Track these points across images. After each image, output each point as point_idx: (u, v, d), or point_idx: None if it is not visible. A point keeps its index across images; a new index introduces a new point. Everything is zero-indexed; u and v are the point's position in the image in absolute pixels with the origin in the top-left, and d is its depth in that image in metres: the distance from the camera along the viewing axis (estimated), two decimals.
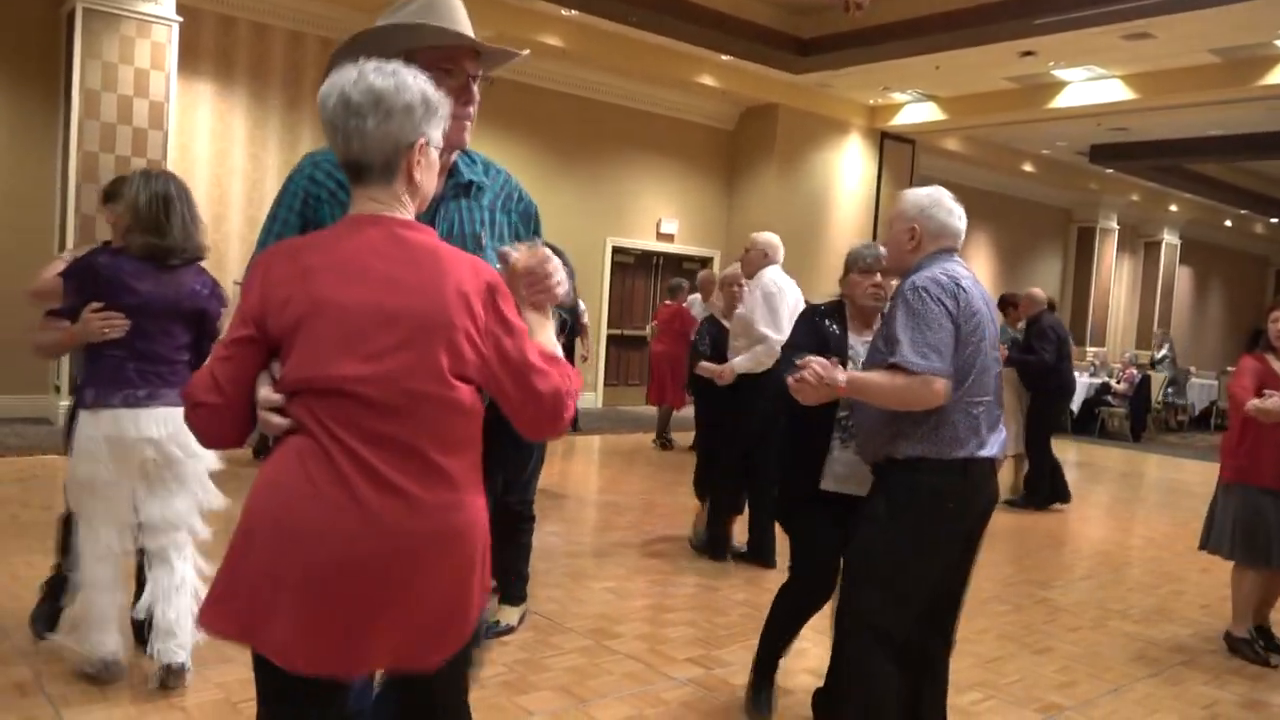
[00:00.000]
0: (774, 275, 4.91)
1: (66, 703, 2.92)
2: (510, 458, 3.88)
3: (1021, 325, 7.74)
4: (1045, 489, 7.38)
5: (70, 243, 7.43)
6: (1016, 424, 7.17)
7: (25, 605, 3.58)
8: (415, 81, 1.57)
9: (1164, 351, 14.43)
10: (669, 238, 12.60)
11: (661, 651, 3.77)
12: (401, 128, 1.55)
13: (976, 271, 2.77)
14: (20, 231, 8.01)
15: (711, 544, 5.15)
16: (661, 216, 12.51)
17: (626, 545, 5.41)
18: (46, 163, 8.14)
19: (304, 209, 1.83)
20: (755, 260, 5.01)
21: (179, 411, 3.01)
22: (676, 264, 12.70)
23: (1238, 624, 4.21)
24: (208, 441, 1.61)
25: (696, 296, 9.03)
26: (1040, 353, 7.26)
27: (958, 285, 2.53)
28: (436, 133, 1.61)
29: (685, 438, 8.82)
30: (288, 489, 1.48)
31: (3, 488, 5.80)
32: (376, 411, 1.49)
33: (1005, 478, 7.49)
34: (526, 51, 1.70)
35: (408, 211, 1.61)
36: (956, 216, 2.67)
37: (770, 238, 5.09)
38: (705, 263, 12.77)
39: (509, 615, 3.88)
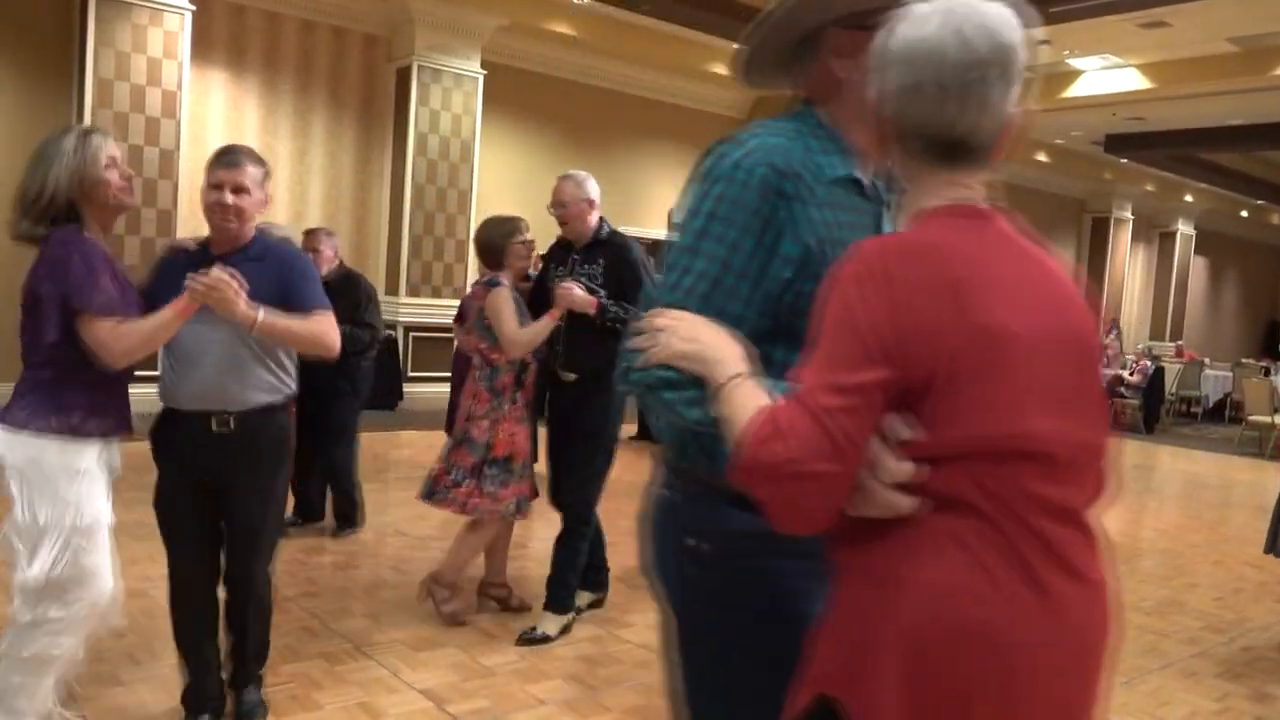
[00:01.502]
0: None
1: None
2: (571, 449, 3.77)
3: None
4: None
5: None
6: None
7: None
8: (1022, 31, 1.19)
9: (1109, 339, 14.31)
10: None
11: None
12: (1013, 96, 1.19)
13: None
14: None
15: None
16: (672, 206, 12.43)
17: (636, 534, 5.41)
18: None
19: (769, 211, 1.34)
20: None
21: (9, 434, 2.30)
22: None
23: None
24: (804, 524, 1.12)
25: None
26: None
27: None
28: None
29: None
30: (962, 595, 1.10)
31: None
32: (1056, 475, 1.13)
33: None
34: None
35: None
36: None
37: None
38: None
39: (548, 624, 3.68)
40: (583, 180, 3.76)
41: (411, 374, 9.77)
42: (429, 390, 9.38)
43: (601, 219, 3.82)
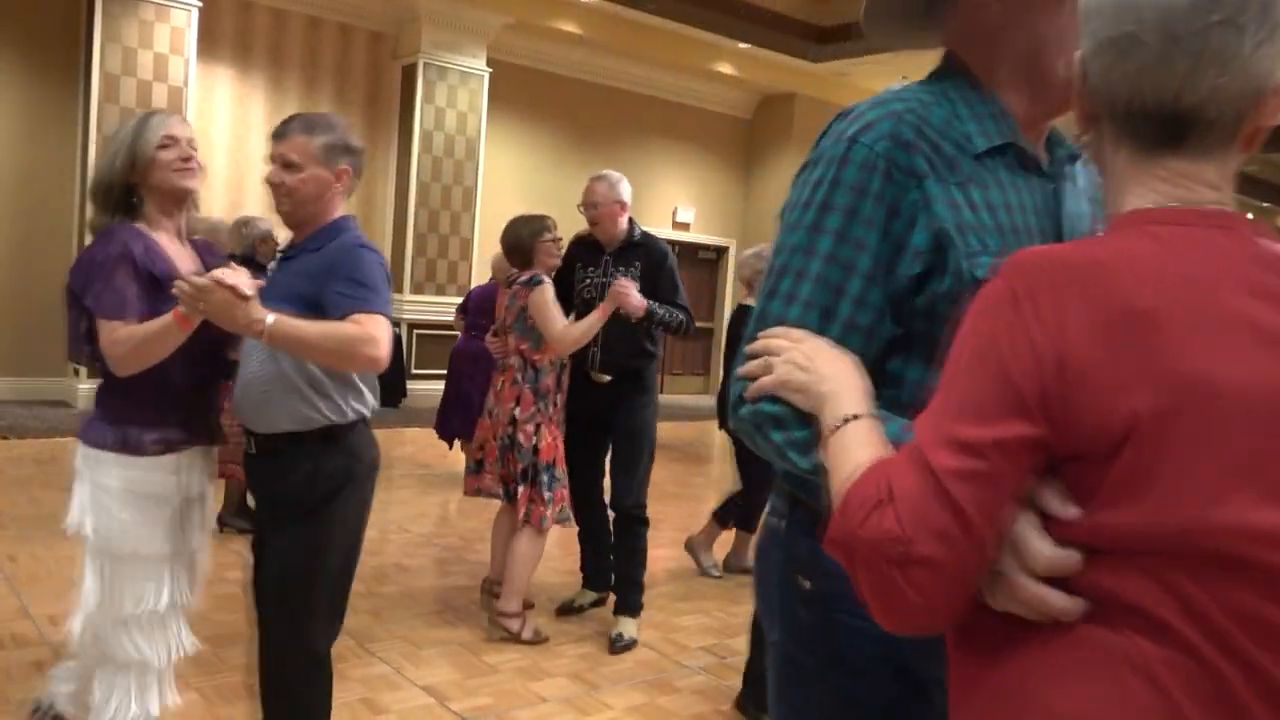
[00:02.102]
0: None
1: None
2: (618, 452, 3.72)
3: None
4: None
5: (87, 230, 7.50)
6: None
7: (46, 588, 3.61)
8: None
9: None
10: (685, 226, 12.58)
11: (674, 640, 3.78)
12: (1277, 50, 0.84)
13: None
14: (39, 215, 8.07)
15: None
16: (678, 204, 12.48)
17: None
18: (66, 147, 8.17)
19: (894, 196, 1.08)
20: None
21: (80, 445, 2.11)
22: (693, 252, 12.68)
23: None
24: (912, 622, 0.84)
25: None
26: None
27: None
28: None
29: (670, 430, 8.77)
30: None
31: (23, 470, 5.86)
32: None
33: None
34: None
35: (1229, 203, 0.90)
36: None
37: None
38: (721, 252, 12.76)
39: (629, 628, 3.68)
40: (616, 182, 3.73)
41: (415, 371, 9.79)
42: (432, 388, 9.37)
43: (631, 220, 3.78)
